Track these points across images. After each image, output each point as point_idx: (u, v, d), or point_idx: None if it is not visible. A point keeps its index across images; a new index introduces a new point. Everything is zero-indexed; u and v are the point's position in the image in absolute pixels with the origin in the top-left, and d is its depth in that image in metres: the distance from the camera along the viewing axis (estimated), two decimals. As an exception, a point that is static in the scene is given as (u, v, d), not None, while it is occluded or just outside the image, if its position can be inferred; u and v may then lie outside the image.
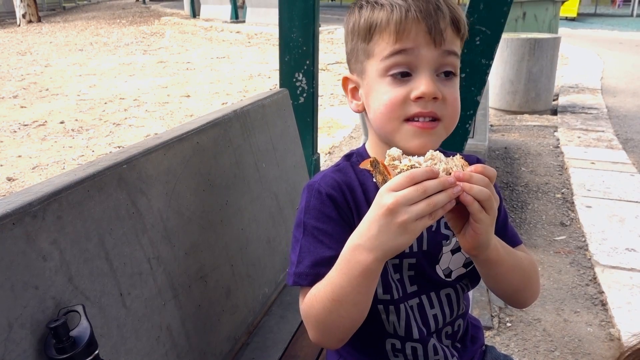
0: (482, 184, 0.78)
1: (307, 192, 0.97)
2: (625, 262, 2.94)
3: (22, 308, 0.80)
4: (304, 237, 0.94)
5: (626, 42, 14.12)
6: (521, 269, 0.96)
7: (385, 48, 0.90)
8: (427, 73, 0.89)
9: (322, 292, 0.87)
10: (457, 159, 0.83)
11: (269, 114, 1.73)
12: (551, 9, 7.92)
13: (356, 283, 0.82)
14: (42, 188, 0.91)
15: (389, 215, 0.75)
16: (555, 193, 4.02)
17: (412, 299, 1.01)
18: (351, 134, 5.72)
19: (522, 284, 0.98)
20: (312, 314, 0.89)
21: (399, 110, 0.90)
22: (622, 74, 9.28)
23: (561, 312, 2.58)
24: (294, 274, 0.93)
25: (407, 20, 0.88)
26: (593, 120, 6.06)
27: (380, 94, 0.92)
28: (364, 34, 0.93)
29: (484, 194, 0.78)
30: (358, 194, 0.97)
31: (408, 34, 0.88)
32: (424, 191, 0.74)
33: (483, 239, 0.81)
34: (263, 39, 15.37)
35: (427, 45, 0.88)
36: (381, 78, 0.92)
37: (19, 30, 18.93)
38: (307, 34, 2.28)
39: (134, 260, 1.04)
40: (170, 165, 1.19)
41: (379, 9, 0.91)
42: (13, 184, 4.42)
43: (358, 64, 0.97)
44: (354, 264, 0.81)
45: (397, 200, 0.74)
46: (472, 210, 0.78)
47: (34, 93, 8.01)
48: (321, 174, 1.00)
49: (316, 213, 0.94)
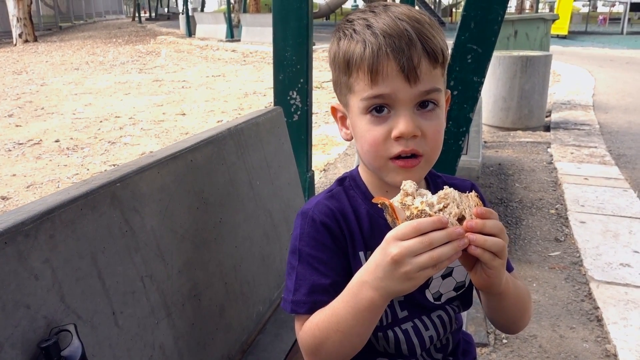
0: (496, 231, 0.78)
1: (301, 219, 0.97)
2: (620, 278, 2.94)
3: (13, 328, 0.79)
4: (300, 264, 0.94)
5: (617, 59, 14.32)
6: (522, 299, 0.97)
7: (364, 89, 0.89)
8: (406, 112, 0.88)
9: (325, 322, 0.88)
10: (471, 198, 0.82)
11: (263, 132, 1.74)
12: (542, 27, 8.04)
13: (361, 317, 0.83)
14: (35, 207, 0.91)
15: (393, 264, 0.76)
16: (549, 209, 4.04)
17: (405, 323, 1.01)
18: (346, 151, 5.74)
19: (521, 314, 0.99)
20: (313, 342, 0.90)
21: (382, 150, 0.90)
22: (613, 90, 9.40)
23: (557, 328, 2.57)
24: (292, 301, 0.94)
25: (379, 59, 0.85)
26: (586, 136, 6.12)
27: (363, 131, 0.92)
28: (344, 68, 0.92)
29: (498, 246, 0.78)
30: (351, 220, 0.97)
31: (382, 75, 0.86)
32: (429, 243, 0.74)
33: (496, 280, 0.83)
34: (258, 57, 15.50)
35: (402, 85, 0.86)
36: (362, 115, 0.91)
37: (15, 49, 19.04)
38: (300, 53, 2.30)
39: (127, 279, 1.04)
40: (164, 183, 1.19)
41: (354, 43, 0.89)
42: (7, 202, 4.40)
43: (342, 96, 0.97)
44: (360, 299, 0.82)
45: (401, 252, 0.75)
46: (485, 260, 0.79)
47: (30, 112, 8.02)
48: (314, 201, 1.00)
49: (311, 241, 0.95)
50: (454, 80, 2.21)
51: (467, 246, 0.77)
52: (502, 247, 0.78)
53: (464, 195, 0.83)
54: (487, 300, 0.95)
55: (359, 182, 1.02)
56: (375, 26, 0.87)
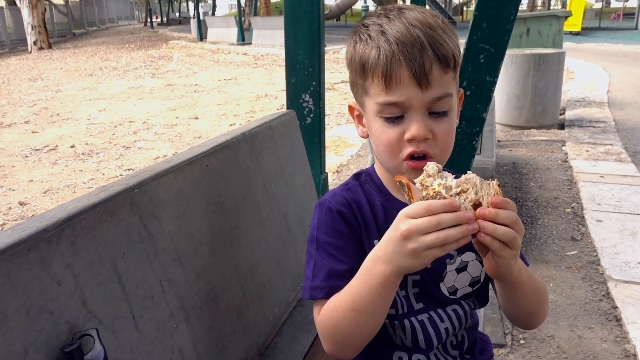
0: (509, 222, 0.79)
1: (318, 210, 1.02)
2: (639, 277, 2.90)
3: (37, 333, 0.81)
4: (317, 252, 0.98)
5: (631, 54, 14.13)
6: (538, 291, 0.98)
7: (378, 94, 0.93)
8: (418, 116, 0.92)
9: (341, 302, 0.91)
10: (492, 186, 0.83)
11: (277, 135, 1.75)
12: (555, 25, 7.96)
13: (375, 293, 0.86)
14: (56, 213, 0.93)
15: (402, 240, 0.79)
16: (565, 207, 4.00)
17: (421, 314, 1.03)
18: (358, 152, 5.74)
19: (537, 306, 1.00)
20: (330, 325, 0.92)
21: (397, 150, 0.94)
22: (628, 86, 9.27)
23: (575, 328, 2.55)
24: (310, 287, 0.97)
25: (392, 66, 0.89)
26: (601, 133, 6.04)
27: (378, 132, 0.96)
28: (360, 71, 0.96)
29: (509, 235, 0.79)
30: (366, 210, 1.01)
31: (395, 81, 0.90)
32: (437, 223, 0.76)
33: (505, 270, 0.84)
34: (269, 60, 15.56)
35: (414, 90, 0.90)
36: (377, 116, 0.95)
37: (30, 57, 19.31)
38: (312, 56, 2.31)
39: (146, 284, 1.05)
40: (180, 188, 1.21)
41: (369, 47, 0.93)
42: (25, 208, 4.47)
43: (359, 97, 1.01)
44: (374, 274, 0.85)
45: (409, 228, 0.78)
46: (493, 249, 0.80)
47: (45, 118, 8.13)
48: (331, 193, 1.05)
49: (328, 229, 0.99)
50: (466, 81, 2.20)
51: (477, 232, 0.78)
52: (513, 237, 0.79)
53: (485, 182, 0.84)
54: (500, 289, 0.96)
55: (374, 177, 1.07)
56: (389, 33, 0.91)
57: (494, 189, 0.83)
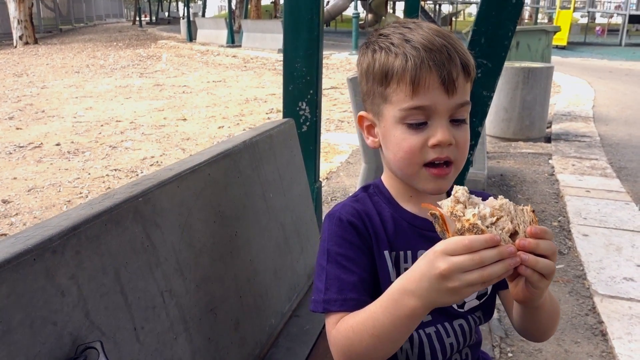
0: (549, 252, 0.78)
1: (328, 221, 1.01)
2: (624, 292, 2.95)
3: (41, 345, 0.79)
4: (329, 263, 0.97)
5: (616, 70, 14.39)
6: (555, 312, 0.98)
7: (404, 100, 0.93)
8: (443, 122, 0.93)
9: (361, 325, 0.88)
10: (527, 213, 0.81)
11: (276, 144, 1.75)
12: (544, 39, 8.09)
13: (400, 323, 0.83)
14: (60, 222, 0.91)
15: (440, 278, 0.75)
16: (552, 221, 4.05)
17: (428, 327, 1.03)
18: (348, 159, 5.74)
19: (552, 324, 1.00)
20: (346, 343, 0.90)
21: (418, 157, 0.94)
22: (613, 102, 9.44)
23: (562, 342, 2.57)
24: (323, 301, 0.95)
25: (422, 72, 0.90)
26: (586, 148, 6.14)
27: (398, 139, 0.96)
28: (380, 79, 0.96)
29: (549, 269, 0.78)
30: (376, 221, 1.01)
31: (423, 87, 0.91)
32: (480, 261, 0.73)
33: (537, 298, 0.83)
34: (259, 63, 15.53)
35: (441, 96, 0.91)
36: (398, 124, 0.95)
37: (16, 51, 19.02)
38: (311, 64, 2.31)
39: (148, 294, 1.04)
40: (183, 197, 1.20)
41: (393, 57, 0.93)
42: (8, 206, 4.38)
43: (374, 105, 1.00)
44: (402, 306, 0.82)
45: (450, 268, 0.74)
46: (532, 281, 0.79)
47: (30, 114, 8.01)
48: (341, 204, 1.04)
49: (338, 240, 0.98)
50: (463, 94, 2.22)
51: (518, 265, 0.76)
52: (553, 270, 0.78)
53: (519, 208, 0.82)
54: (521, 311, 0.96)
55: (382, 189, 1.07)
56: (415, 40, 0.92)
57: (529, 216, 0.81)
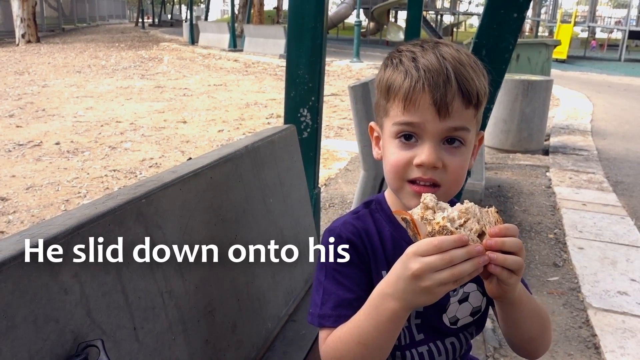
0: (515, 249, 0.81)
1: (327, 237, 1.02)
2: (618, 306, 2.96)
3: (43, 342, 0.80)
4: (326, 279, 0.98)
5: (615, 85, 14.48)
6: (539, 315, 0.99)
7: (397, 114, 0.95)
8: (431, 143, 0.93)
9: (347, 335, 0.91)
10: (492, 214, 0.85)
11: (278, 150, 1.77)
12: (544, 52, 8.15)
13: (383, 328, 0.86)
14: (65, 221, 0.92)
15: (413, 279, 0.79)
16: (547, 233, 4.07)
17: (421, 346, 1.04)
18: (347, 166, 5.76)
19: (538, 331, 1.01)
20: (335, 355, 0.93)
21: (402, 172, 0.96)
22: (611, 117, 9.50)
23: (555, 354, 2.58)
24: (319, 315, 0.97)
25: (415, 91, 0.91)
26: (584, 161, 6.18)
27: (390, 153, 0.98)
28: (385, 93, 0.98)
29: (517, 264, 0.81)
30: (375, 240, 1.02)
31: (415, 105, 0.92)
32: (450, 260, 0.77)
33: (510, 294, 0.86)
34: (260, 68, 15.58)
35: (432, 117, 0.91)
36: (392, 138, 0.97)
37: (18, 49, 19.05)
38: (313, 72, 2.33)
39: (148, 294, 1.05)
40: (185, 199, 1.21)
41: (397, 72, 0.95)
42: (6, 204, 4.39)
43: (380, 118, 1.03)
44: (382, 311, 0.85)
45: (421, 267, 0.78)
46: (502, 278, 0.82)
47: (30, 113, 8.01)
48: (342, 220, 1.05)
49: (337, 256, 0.98)
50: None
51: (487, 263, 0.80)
52: (521, 265, 0.81)
53: (484, 210, 0.85)
54: (501, 310, 0.96)
55: (384, 206, 1.07)
56: (420, 61, 0.93)
57: (494, 217, 0.85)
